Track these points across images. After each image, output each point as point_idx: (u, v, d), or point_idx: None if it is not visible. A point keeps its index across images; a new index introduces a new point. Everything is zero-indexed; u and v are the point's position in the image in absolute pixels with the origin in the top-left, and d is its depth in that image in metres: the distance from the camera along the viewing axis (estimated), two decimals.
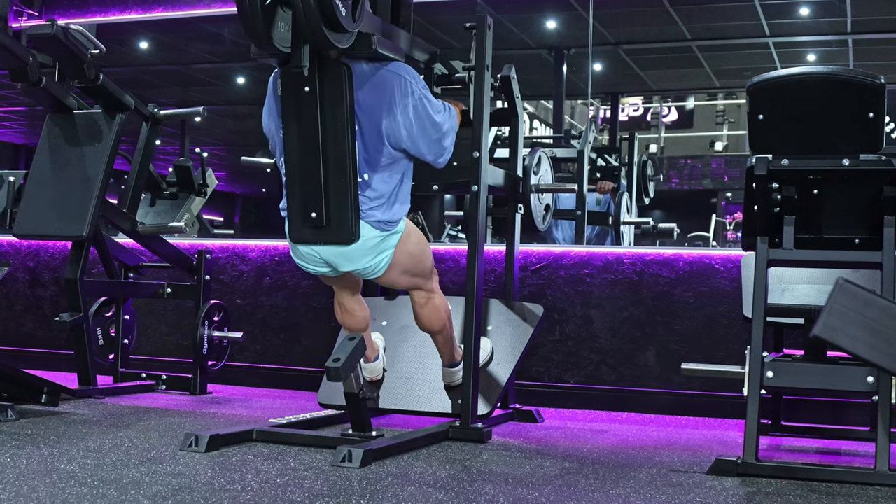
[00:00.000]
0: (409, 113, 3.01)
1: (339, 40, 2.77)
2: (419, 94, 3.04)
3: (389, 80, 3.01)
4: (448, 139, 3.13)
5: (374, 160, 3.00)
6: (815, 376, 2.82)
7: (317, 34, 2.70)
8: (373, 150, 3.00)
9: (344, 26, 2.73)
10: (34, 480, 2.37)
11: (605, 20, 7.95)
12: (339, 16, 2.70)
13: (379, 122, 2.99)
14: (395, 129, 3.00)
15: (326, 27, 2.69)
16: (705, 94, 12.53)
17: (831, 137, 2.79)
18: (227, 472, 2.57)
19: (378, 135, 3.00)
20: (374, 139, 3.00)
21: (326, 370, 2.88)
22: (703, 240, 8.58)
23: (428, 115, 3.05)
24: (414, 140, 3.04)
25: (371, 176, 3.00)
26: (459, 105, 3.45)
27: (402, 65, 3.09)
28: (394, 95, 3.00)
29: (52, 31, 3.78)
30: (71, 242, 4.11)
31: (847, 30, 8.13)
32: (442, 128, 3.09)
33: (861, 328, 2.68)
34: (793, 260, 2.93)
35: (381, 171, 3.02)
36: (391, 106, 2.99)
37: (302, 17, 2.66)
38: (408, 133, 3.02)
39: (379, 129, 2.99)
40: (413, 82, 3.04)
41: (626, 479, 2.69)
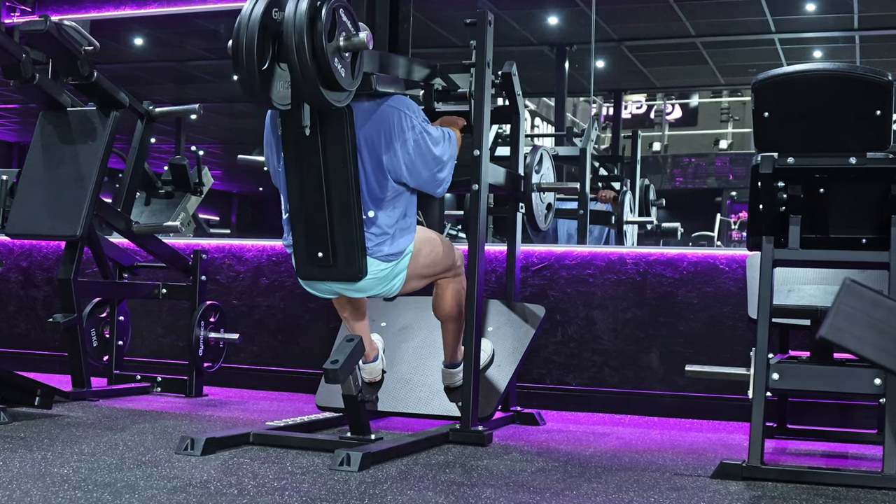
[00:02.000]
0: (409, 148, 3.05)
1: (338, 99, 2.76)
2: (419, 129, 3.08)
3: (390, 115, 3.04)
4: (447, 170, 3.18)
5: (378, 196, 3.04)
6: (821, 378, 2.82)
7: (315, 96, 2.69)
8: (376, 185, 3.03)
9: (343, 87, 2.73)
10: (27, 484, 2.37)
11: (608, 16, 7.95)
12: (339, 77, 2.69)
13: (380, 156, 3.02)
14: (396, 163, 3.04)
15: (325, 88, 2.68)
16: (710, 91, 12.51)
17: (838, 135, 2.79)
18: (223, 476, 2.57)
19: (380, 170, 3.03)
20: (377, 175, 3.03)
21: (324, 372, 2.88)
22: (707, 239, 8.58)
23: (428, 150, 3.09)
24: (414, 174, 3.08)
25: (376, 212, 3.04)
26: (460, 122, 3.46)
27: (401, 98, 3.12)
28: (394, 130, 3.03)
29: (46, 28, 3.78)
30: (64, 242, 4.11)
31: (854, 26, 8.13)
32: (441, 160, 3.14)
33: (868, 329, 2.68)
34: (799, 260, 2.92)
35: (385, 206, 3.06)
36: (391, 141, 3.02)
37: (300, 79, 2.65)
38: (408, 168, 3.06)
39: (380, 164, 3.02)
40: (413, 116, 3.08)
41: (630, 483, 2.69)
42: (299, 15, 2.62)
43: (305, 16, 2.62)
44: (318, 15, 2.64)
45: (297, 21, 2.61)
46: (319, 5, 2.65)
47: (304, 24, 2.61)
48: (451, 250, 3.38)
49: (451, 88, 3.54)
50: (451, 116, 3.49)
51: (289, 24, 2.62)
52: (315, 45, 2.63)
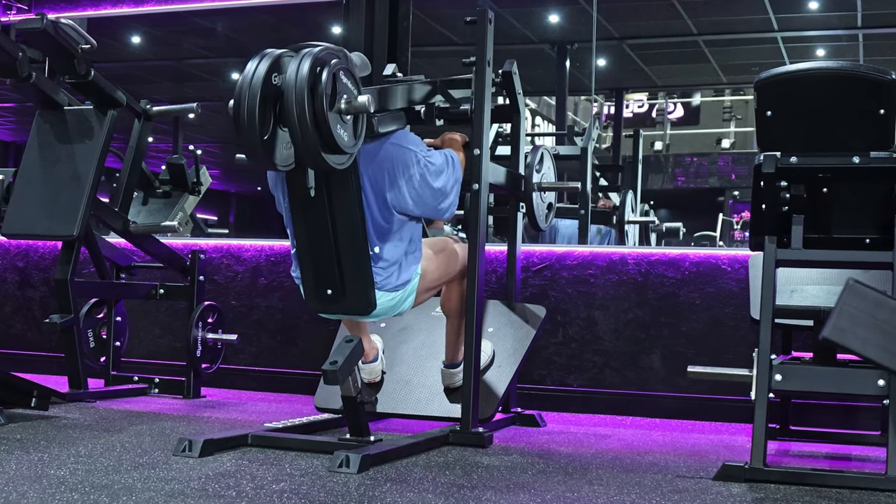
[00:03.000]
0: (414, 183, 3.07)
1: (340, 162, 2.76)
2: (423, 162, 3.11)
3: (393, 153, 3.07)
4: (452, 197, 3.21)
5: (384, 230, 3.06)
6: (824, 379, 2.82)
7: (317, 162, 2.69)
8: (381, 220, 3.06)
9: (345, 150, 2.73)
10: (23, 486, 2.37)
11: (609, 14, 7.95)
12: (340, 142, 2.69)
13: (385, 194, 3.05)
14: (402, 199, 3.07)
15: (327, 152, 2.68)
16: (712, 90, 12.51)
17: (841, 134, 2.79)
18: (221, 478, 2.57)
19: (385, 206, 3.05)
20: (382, 210, 3.05)
21: (323, 373, 2.88)
22: (709, 239, 8.59)
23: (433, 181, 3.13)
24: (419, 205, 3.12)
25: (382, 247, 3.06)
26: (462, 139, 3.46)
27: (402, 134, 3.15)
28: (398, 168, 3.06)
29: (42, 26, 3.78)
30: (61, 242, 4.11)
31: (857, 24, 8.13)
32: (445, 190, 3.17)
33: (872, 330, 2.68)
34: (801, 260, 2.92)
35: (391, 238, 3.08)
36: (396, 178, 3.05)
37: (301, 145, 2.64)
38: (414, 202, 3.09)
39: (385, 200, 3.05)
40: (416, 151, 3.11)
41: (631, 485, 2.69)
42: (300, 81, 2.60)
43: (306, 81, 2.60)
44: (318, 80, 2.63)
45: (297, 87, 2.59)
46: (319, 71, 2.64)
47: (304, 91, 2.60)
48: (457, 255, 3.40)
49: (451, 105, 3.55)
50: (453, 134, 3.50)
51: (289, 91, 2.61)
52: (316, 111, 2.62)
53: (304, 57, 2.63)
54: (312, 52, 2.66)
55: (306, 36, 2.89)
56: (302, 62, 2.62)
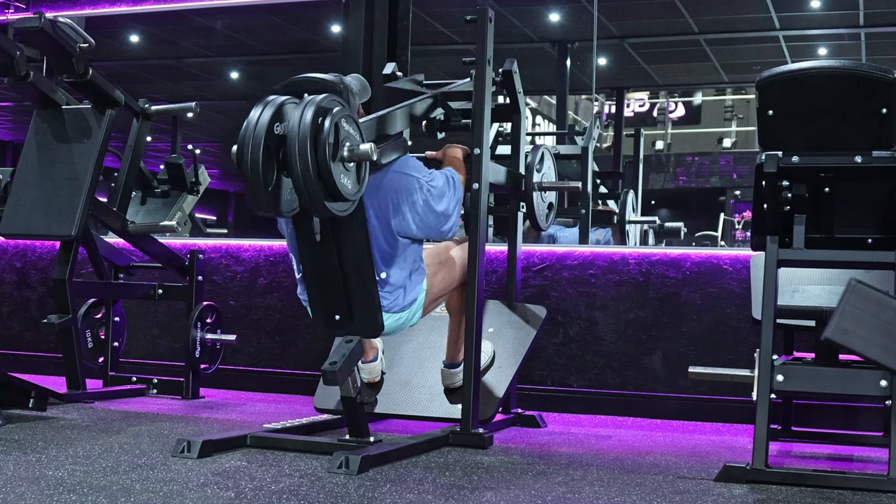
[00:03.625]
0: (417, 209, 3.12)
1: (344, 209, 2.77)
2: (426, 188, 3.15)
3: (397, 182, 3.10)
4: (454, 218, 3.25)
5: (389, 255, 3.10)
6: (826, 380, 2.82)
7: (321, 211, 2.70)
8: (386, 246, 3.09)
9: (348, 198, 2.74)
10: (21, 487, 2.37)
11: (610, 13, 7.95)
12: (343, 190, 2.70)
13: (389, 221, 3.08)
14: (406, 224, 3.11)
15: (330, 200, 2.69)
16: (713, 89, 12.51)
17: (843, 133, 2.79)
18: (220, 479, 2.57)
19: (390, 232, 3.09)
20: (387, 237, 3.09)
21: (323, 374, 2.88)
22: (711, 239, 8.59)
23: (436, 205, 3.16)
24: (423, 229, 3.16)
25: (388, 272, 3.10)
26: (463, 152, 3.46)
27: (404, 161, 3.16)
28: (402, 196, 3.10)
29: (40, 25, 3.78)
30: (59, 242, 4.11)
31: (860, 23, 8.13)
32: (448, 211, 3.21)
33: (874, 330, 2.68)
34: (803, 260, 2.92)
35: (396, 262, 3.12)
36: (400, 205, 3.09)
37: (304, 195, 2.65)
38: (418, 227, 3.14)
39: (389, 226, 3.08)
40: (419, 177, 3.14)
41: (632, 487, 2.69)
42: (302, 131, 2.60)
43: (309, 131, 2.60)
44: (321, 129, 2.63)
45: (300, 138, 2.60)
46: (321, 121, 2.64)
47: (307, 142, 2.60)
48: (458, 261, 3.41)
49: (452, 116, 3.55)
50: (454, 149, 3.51)
51: (292, 141, 2.61)
52: (319, 162, 2.62)
53: (306, 106, 2.64)
54: (315, 100, 2.66)
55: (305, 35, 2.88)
56: (305, 112, 2.62)
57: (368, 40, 4.87)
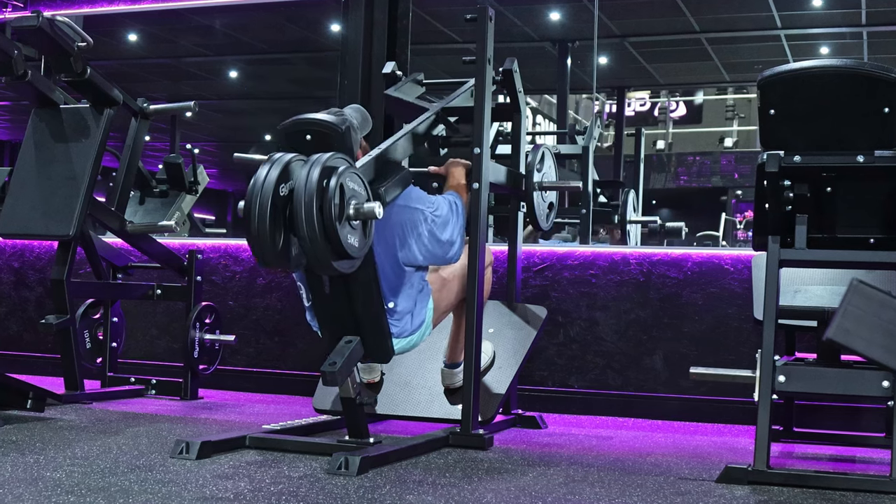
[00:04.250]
0: (423, 240, 3.17)
1: (350, 266, 2.80)
2: (431, 219, 3.20)
3: (402, 216, 3.14)
4: (458, 243, 3.29)
5: (396, 286, 3.14)
6: (828, 381, 2.82)
7: (327, 268, 2.73)
8: (393, 277, 3.13)
9: (354, 256, 2.77)
10: (19, 489, 2.37)
11: (611, 11, 7.96)
12: (350, 249, 2.73)
13: (395, 254, 3.13)
14: (412, 256, 3.16)
15: (337, 259, 2.72)
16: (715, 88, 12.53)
17: (845, 133, 2.79)
18: (218, 480, 2.57)
19: (396, 264, 3.13)
20: (394, 268, 3.13)
21: (322, 374, 2.88)
22: (712, 239, 8.58)
23: (440, 234, 3.21)
24: (429, 258, 3.22)
25: (396, 301, 3.14)
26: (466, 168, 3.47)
27: (408, 194, 3.19)
28: (407, 229, 3.15)
29: (38, 23, 3.78)
30: (57, 242, 4.10)
31: (862, 22, 8.14)
32: (453, 238, 3.26)
33: (876, 331, 2.68)
34: (805, 260, 2.92)
35: (403, 290, 3.16)
36: (405, 238, 3.14)
37: (311, 256, 2.68)
38: (424, 256, 3.19)
39: (396, 259, 3.13)
40: (423, 209, 3.19)
41: (633, 488, 2.69)
42: (308, 193, 2.63)
43: (315, 193, 2.63)
44: (326, 190, 2.66)
45: (305, 201, 2.63)
46: (327, 183, 2.66)
47: (312, 205, 2.63)
48: (459, 271, 3.42)
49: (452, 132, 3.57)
50: (457, 166, 3.52)
51: (298, 204, 2.64)
52: (325, 223, 2.65)
53: (312, 166, 2.67)
54: (321, 160, 2.69)
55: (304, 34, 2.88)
56: (310, 173, 2.65)
57: (368, 39, 4.88)
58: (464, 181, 3.47)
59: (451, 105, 3.55)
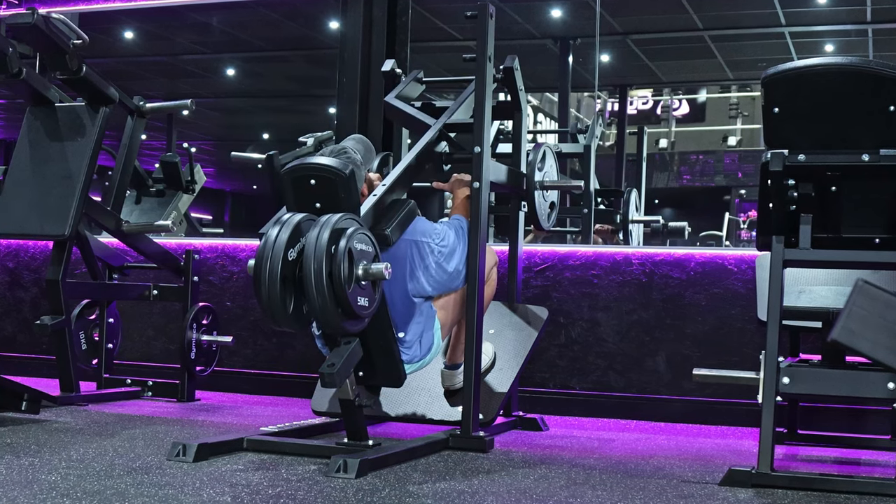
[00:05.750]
0: (431, 272, 3.25)
1: (356, 326, 2.84)
2: (437, 251, 3.26)
3: (409, 249, 3.22)
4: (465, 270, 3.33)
5: (406, 317, 3.23)
6: (833, 382, 2.82)
7: (337, 330, 2.80)
8: (403, 309, 3.21)
9: (363, 316, 2.83)
10: (14, 492, 2.38)
11: (613, 8, 7.95)
12: (359, 310, 2.78)
13: (405, 287, 3.21)
14: (420, 287, 3.24)
15: (346, 319, 2.77)
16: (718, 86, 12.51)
17: (850, 131, 2.79)
18: (216, 483, 2.57)
19: (406, 296, 3.22)
20: (403, 301, 3.21)
21: (320, 376, 2.88)
22: (715, 239, 8.58)
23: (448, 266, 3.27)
24: (437, 288, 3.29)
25: (405, 331, 3.22)
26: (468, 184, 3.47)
27: (414, 228, 3.23)
28: (415, 262, 3.23)
29: (33, 21, 3.78)
30: (52, 242, 4.10)
31: (867, 19, 8.13)
32: (459, 267, 3.32)
33: (881, 332, 2.68)
34: (810, 260, 2.92)
35: (413, 319, 3.24)
36: (414, 271, 3.22)
37: (321, 319, 2.74)
38: (433, 287, 3.27)
39: (405, 292, 3.21)
40: (429, 241, 3.25)
41: (635, 491, 2.69)
42: (317, 260, 2.67)
43: (323, 259, 2.67)
44: (335, 256, 2.70)
45: (315, 268, 2.67)
46: (335, 249, 2.70)
47: (322, 271, 2.67)
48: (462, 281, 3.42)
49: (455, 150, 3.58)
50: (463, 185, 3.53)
51: (307, 271, 2.68)
52: (335, 289, 2.70)
53: (322, 229, 2.71)
54: (330, 222, 2.73)
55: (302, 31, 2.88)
56: (320, 237, 2.69)
57: (367, 37, 4.88)
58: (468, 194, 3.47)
59: (453, 121, 3.56)
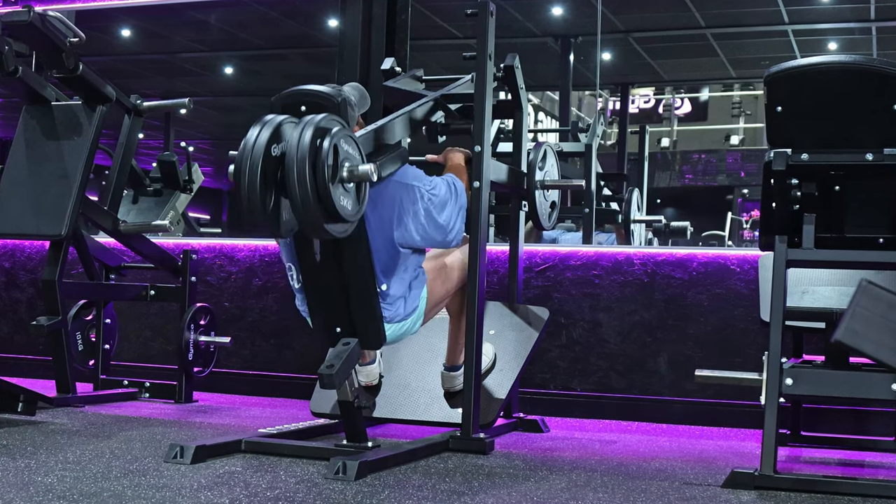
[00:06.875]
0: (420, 219, 3.14)
1: (343, 231, 2.77)
2: (427, 197, 3.16)
3: (397, 192, 3.12)
4: (458, 227, 3.27)
5: (390, 268, 3.12)
6: (836, 384, 2.82)
7: (320, 232, 2.70)
8: (387, 258, 3.11)
9: (347, 219, 2.74)
10: (10, 494, 2.38)
11: (615, 6, 7.96)
12: (343, 211, 2.69)
13: (391, 234, 3.10)
14: (408, 235, 3.13)
15: (330, 222, 2.68)
16: (720, 84, 12.52)
17: (854, 131, 2.79)
18: (214, 486, 2.57)
19: (391, 244, 3.11)
20: (388, 248, 3.11)
21: (319, 377, 2.88)
22: (718, 239, 8.58)
23: (438, 215, 3.18)
24: (426, 239, 3.19)
25: (389, 283, 3.12)
26: (465, 156, 3.47)
27: (404, 171, 3.17)
28: (404, 206, 3.12)
29: (29, 19, 3.78)
30: (49, 242, 4.11)
31: (870, 16, 8.13)
32: (450, 221, 3.23)
33: (885, 333, 2.68)
34: (813, 260, 2.93)
35: (397, 273, 3.14)
36: (402, 216, 3.11)
37: (303, 218, 2.65)
38: (421, 237, 3.16)
39: (391, 239, 3.10)
40: (420, 187, 3.16)
41: (637, 493, 2.69)
42: (301, 153, 2.60)
43: (307, 153, 2.60)
44: (319, 150, 2.63)
45: (298, 161, 2.59)
46: (320, 143, 2.64)
47: (305, 164, 2.59)
48: (458, 264, 3.42)
49: (451, 119, 3.56)
50: (456, 153, 3.52)
51: (290, 164, 2.60)
52: (318, 184, 2.62)
53: (304, 126, 2.63)
54: (313, 120, 2.66)
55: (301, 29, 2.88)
56: (303, 133, 2.62)
57: (366, 35, 4.88)
58: (463, 165, 3.46)
59: (452, 92, 3.55)
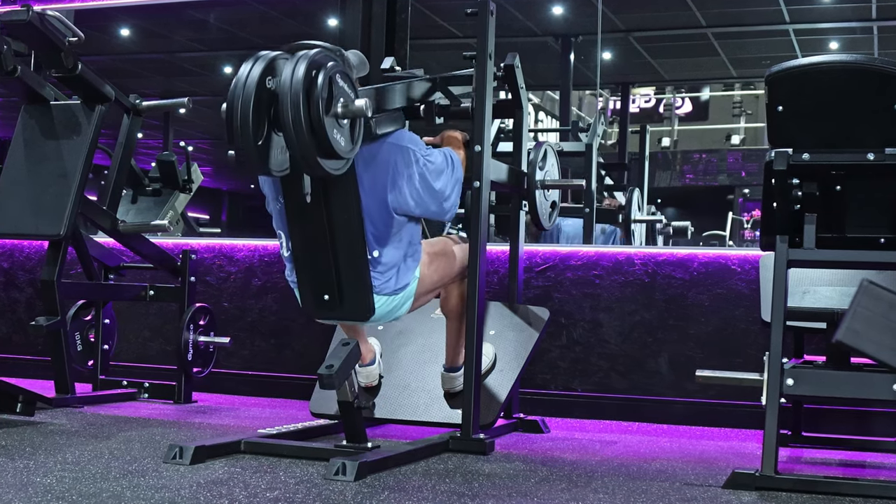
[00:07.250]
0: (415, 182, 3.09)
1: (337, 168, 2.75)
2: (423, 162, 3.12)
3: (392, 154, 3.08)
4: (453, 197, 3.23)
5: (383, 234, 3.08)
6: (837, 384, 2.82)
7: (313, 167, 2.68)
8: (381, 224, 3.07)
9: (342, 155, 2.72)
10: (8, 495, 2.38)
11: (615, 6, 7.96)
12: (337, 147, 2.67)
13: (384, 197, 3.06)
14: (402, 200, 3.08)
15: (323, 157, 2.66)
16: (721, 84, 12.53)
17: (855, 130, 2.79)
18: (213, 486, 2.57)
19: (385, 209, 3.06)
20: (381, 213, 3.06)
21: (319, 377, 2.88)
22: (718, 239, 8.59)
23: (434, 181, 3.14)
24: (421, 206, 3.13)
25: (381, 251, 3.08)
26: (462, 137, 3.46)
27: (401, 134, 3.15)
28: (398, 169, 3.07)
29: (28, 18, 3.78)
30: (47, 242, 4.11)
31: (872, 16, 8.14)
32: (446, 190, 3.19)
33: (887, 333, 2.68)
34: (814, 260, 2.93)
35: (390, 241, 3.10)
36: (396, 179, 3.07)
37: (296, 150, 2.63)
38: (415, 202, 3.11)
39: (385, 203, 3.06)
40: (416, 150, 3.12)
41: (638, 494, 2.69)
42: (295, 84, 2.59)
43: (301, 85, 2.59)
44: (314, 83, 2.61)
45: (292, 91, 2.58)
46: (315, 74, 2.62)
47: (299, 95, 2.58)
48: (456, 256, 3.41)
49: (452, 102, 3.55)
50: (453, 132, 3.51)
51: (284, 95, 2.59)
52: (312, 116, 2.61)
53: (299, 60, 2.62)
54: (308, 54, 2.64)
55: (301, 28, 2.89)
56: (297, 65, 2.61)
57: (366, 34, 4.87)
58: (461, 141, 3.44)
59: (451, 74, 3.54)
